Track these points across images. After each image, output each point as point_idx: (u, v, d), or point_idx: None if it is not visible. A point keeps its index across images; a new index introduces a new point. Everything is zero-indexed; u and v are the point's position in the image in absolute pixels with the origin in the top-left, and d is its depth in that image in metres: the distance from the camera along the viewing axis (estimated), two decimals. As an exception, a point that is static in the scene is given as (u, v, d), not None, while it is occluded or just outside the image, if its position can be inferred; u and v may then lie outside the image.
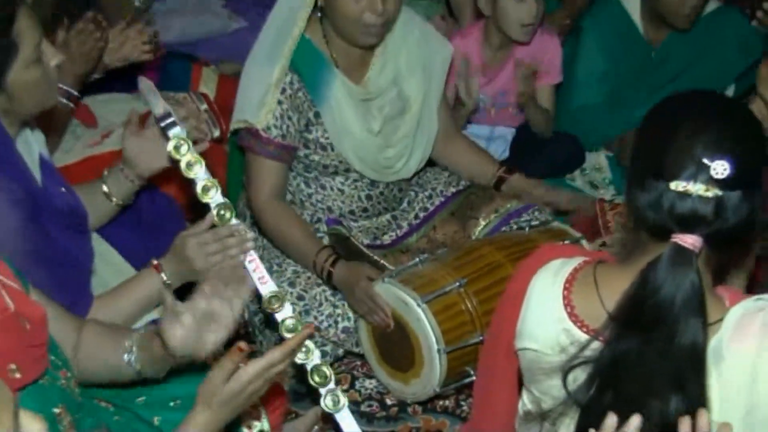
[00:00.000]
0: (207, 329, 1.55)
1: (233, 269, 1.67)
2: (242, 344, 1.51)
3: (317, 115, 2.38)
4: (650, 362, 1.37)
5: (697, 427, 1.27)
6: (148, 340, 1.61)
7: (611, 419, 1.31)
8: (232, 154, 2.70)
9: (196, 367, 1.67)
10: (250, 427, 1.80)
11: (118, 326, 1.82)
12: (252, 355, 1.59)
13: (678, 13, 2.88)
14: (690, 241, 1.35)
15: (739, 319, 1.40)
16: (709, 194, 1.34)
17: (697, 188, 1.33)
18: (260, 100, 2.31)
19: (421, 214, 2.60)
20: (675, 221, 1.36)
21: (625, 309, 1.41)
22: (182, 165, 1.97)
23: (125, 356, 1.64)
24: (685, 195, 1.34)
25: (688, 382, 1.36)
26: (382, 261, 2.35)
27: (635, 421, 1.30)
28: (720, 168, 1.33)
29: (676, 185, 1.34)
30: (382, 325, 2.21)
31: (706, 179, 1.33)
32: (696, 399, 1.35)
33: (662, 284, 1.36)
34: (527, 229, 2.45)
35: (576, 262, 1.55)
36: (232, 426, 1.64)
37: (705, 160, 1.33)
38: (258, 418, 1.82)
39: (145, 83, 2.13)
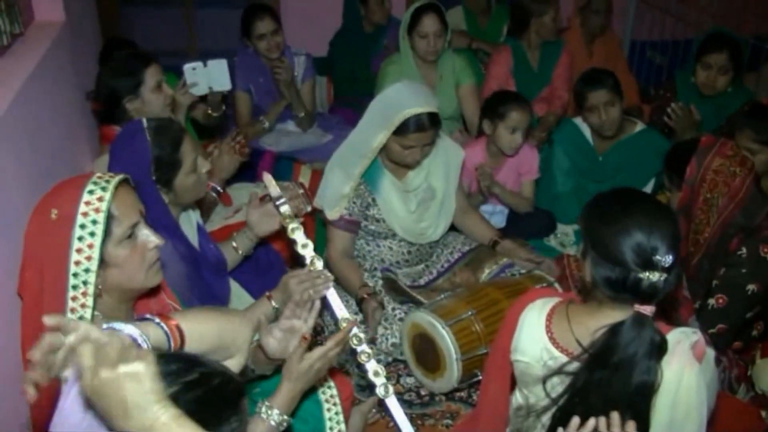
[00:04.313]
0: (290, 339, 1.54)
1: (307, 299, 1.65)
2: (306, 335, 1.52)
3: (374, 200, 2.38)
4: (613, 388, 1.34)
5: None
6: (254, 351, 1.61)
7: (575, 421, 1.30)
8: (318, 225, 2.70)
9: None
10: (323, 392, 1.78)
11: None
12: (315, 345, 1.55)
13: (601, 128, 2.92)
14: (648, 309, 1.33)
15: (672, 345, 1.34)
16: (662, 277, 1.32)
17: (654, 276, 1.31)
18: (335, 202, 2.33)
19: (446, 264, 2.56)
20: (636, 296, 1.34)
21: (600, 351, 1.37)
22: (288, 230, 1.97)
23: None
24: (645, 280, 1.31)
25: (638, 403, 1.33)
26: (419, 297, 2.33)
27: (592, 423, 1.29)
28: (668, 260, 1.31)
29: (640, 274, 1.32)
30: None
31: (660, 269, 1.31)
32: (642, 414, 1.33)
33: (629, 342, 1.34)
34: (517, 275, 2.41)
35: (554, 301, 1.51)
36: (310, 391, 1.63)
37: (658, 257, 1.31)
38: (326, 383, 1.80)
39: (266, 175, 2.15)
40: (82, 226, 1.27)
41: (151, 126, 1.81)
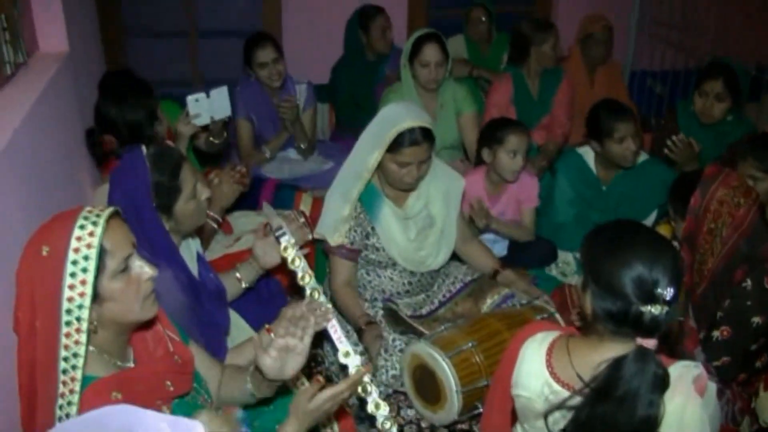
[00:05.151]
0: (286, 358, 1.53)
1: (301, 316, 1.63)
2: (320, 378, 1.51)
3: (373, 228, 2.38)
4: (617, 422, 1.32)
5: None
6: (253, 373, 1.61)
7: None
8: (319, 254, 2.69)
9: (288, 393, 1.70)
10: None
11: (241, 367, 1.80)
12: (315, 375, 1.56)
13: (624, 159, 2.88)
14: (651, 343, 1.32)
15: (675, 379, 1.33)
16: (664, 310, 1.31)
17: (656, 309, 1.30)
18: (335, 227, 2.33)
19: (447, 294, 2.55)
20: (638, 330, 1.32)
21: (603, 385, 1.36)
22: (288, 260, 1.97)
23: (246, 386, 1.64)
24: (647, 313, 1.30)
25: None
26: (420, 327, 2.31)
27: None
28: (669, 294, 1.31)
29: (641, 307, 1.31)
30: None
31: (662, 302, 1.31)
32: None
33: (632, 376, 1.33)
34: (518, 305, 2.40)
35: (554, 334, 1.50)
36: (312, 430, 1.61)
37: (660, 290, 1.31)
38: (329, 425, 1.81)
39: (266, 206, 2.16)
40: (74, 263, 1.26)
41: (151, 153, 1.83)
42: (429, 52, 3.12)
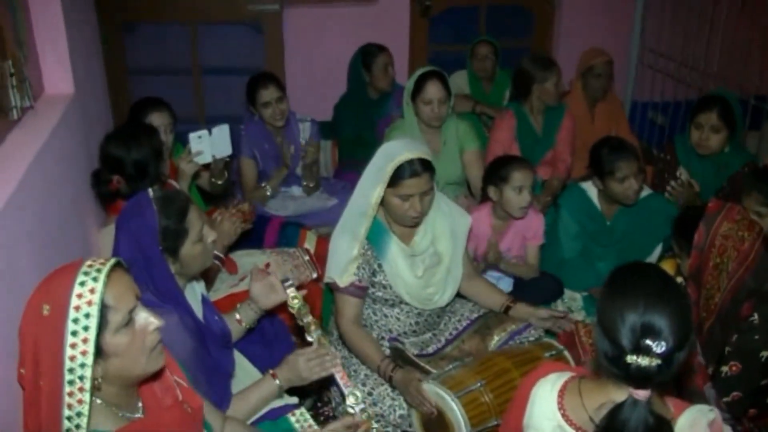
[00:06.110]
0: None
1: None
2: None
3: (380, 266, 2.38)
4: None
5: None
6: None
7: None
8: (325, 291, 2.69)
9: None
10: None
11: (244, 423, 1.80)
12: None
13: (626, 198, 2.89)
14: (642, 394, 1.31)
15: (689, 425, 1.32)
16: (654, 363, 1.29)
17: (644, 360, 1.29)
18: (344, 268, 2.32)
19: (454, 332, 2.53)
20: (630, 379, 1.32)
21: (603, 430, 1.34)
22: (296, 311, 1.99)
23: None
24: (633, 364, 1.30)
25: None
26: (427, 366, 2.30)
27: None
28: (661, 348, 1.29)
29: (628, 358, 1.30)
30: (427, 413, 2.13)
31: (652, 354, 1.29)
32: None
33: (626, 422, 1.31)
34: (526, 343, 2.39)
35: (566, 376, 1.49)
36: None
37: (649, 342, 1.29)
38: None
39: (272, 260, 2.19)
40: (75, 321, 1.24)
41: (158, 196, 1.84)
42: (431, 90, 3.16)
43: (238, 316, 2.16)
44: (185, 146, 2.95)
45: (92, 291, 1.26)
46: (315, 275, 2.88)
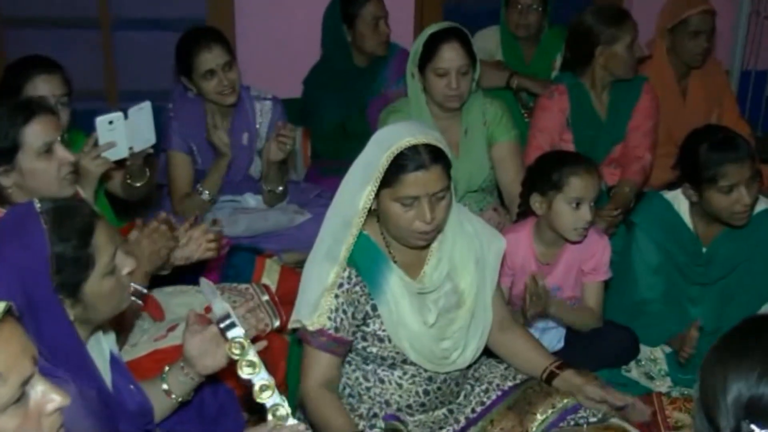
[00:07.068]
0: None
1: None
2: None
3: (374, 307, 2.39)
4: None
5: None
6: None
7: None
8: (292, 345, 2.71)
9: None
10: None
11: None
12: None
13: (733, 216, 2.88)
14: None
15: None
16: None
17: None
18: (315, 303, 2.33)
19: (478, 408, 2.55)
20: None
21: None
22: (239, 366, 2.00)
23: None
24: None
25: None
26: (439, 459, 2.32)
27: None
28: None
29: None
30: None
31: None
32: None
33: None
34: (585, 425, 2.40)
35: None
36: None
37: (753, 427, 1.31)
38: None
39: (205, 284, 2.18)
40: None
41: (48, 209, 1.85)
42: (448, 56, 3.19)
43: (165, 386, 2.16)
44: (89, 135, 2.96)
45: None
46: (277, 323, 2.88)
